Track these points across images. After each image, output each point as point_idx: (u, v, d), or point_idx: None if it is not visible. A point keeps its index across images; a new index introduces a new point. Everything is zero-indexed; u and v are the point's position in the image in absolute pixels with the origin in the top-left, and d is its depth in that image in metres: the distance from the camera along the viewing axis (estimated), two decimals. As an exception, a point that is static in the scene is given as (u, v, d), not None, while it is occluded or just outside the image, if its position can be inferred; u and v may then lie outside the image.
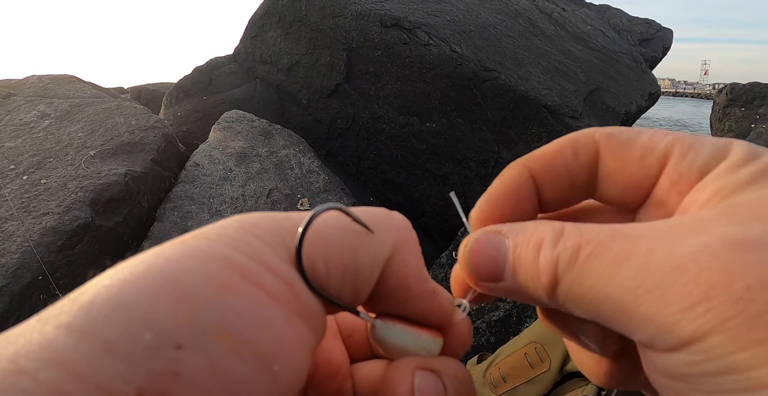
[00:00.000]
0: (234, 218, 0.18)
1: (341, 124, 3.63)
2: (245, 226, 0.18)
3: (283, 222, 0.19)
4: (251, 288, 0.16)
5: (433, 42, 3.21)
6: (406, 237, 0.21)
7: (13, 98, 2.97)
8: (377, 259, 0.20)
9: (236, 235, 0.17)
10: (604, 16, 5.45)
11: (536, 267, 0.20)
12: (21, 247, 1.80)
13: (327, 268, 0.18)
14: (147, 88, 5.99)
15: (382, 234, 0.20)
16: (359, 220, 0.19)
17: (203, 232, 0.17)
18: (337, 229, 0.19)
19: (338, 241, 0.19)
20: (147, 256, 0.16)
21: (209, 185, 2.53)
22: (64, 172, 2.24)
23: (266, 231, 0.18)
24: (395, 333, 0.20)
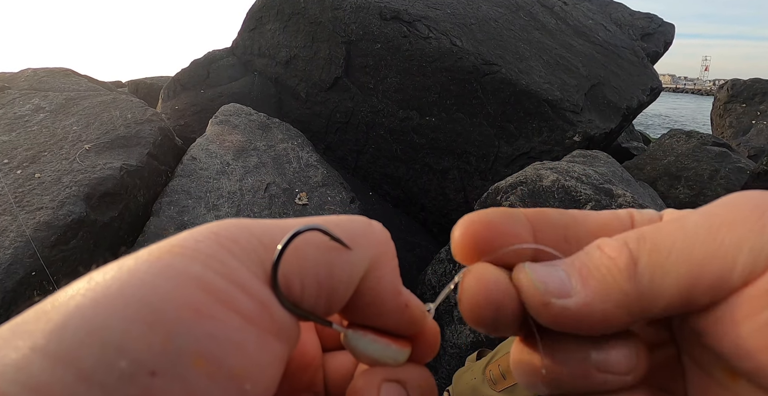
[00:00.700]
0: (211, 229, 0.18)
1: (340, 118, 3.60)
2: (221, 241, 0.17)
3: (261, 237, 0.18)
4: (226, 311, 0.16)
5: (433, 35, 3.17)
6: (383, 252, 0.21)
7: (7, 91, 2.93)
8: (353, 276, 0.20)
9: (211, 252, 0.17)
10: (605, 10, 5.40)
11: (607, 257, 0.20)
12: (14, 243, 1.78)
13: (302, 285, 0.19)
14: (144, 81, 5.94)
15: (359, 250, 0.20)
16: (337, 238, 0.20)
17: (178, 244, 0.17)
18: (313, 246, 0.19)
19: (314, 258, 0.19)
20: (120, 272, 0.16)
21: (206, 179, 2.50)
22: (58, 166, 2.21)
23: (243, 247, 0.18)
24: (365, 343, 0.21)
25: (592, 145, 3.00)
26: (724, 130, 7.45)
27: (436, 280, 2.24)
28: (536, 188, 2.02)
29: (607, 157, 2.60)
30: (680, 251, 0.19)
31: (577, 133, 2.98)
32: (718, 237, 0.18)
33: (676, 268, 0.19)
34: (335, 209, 2.56)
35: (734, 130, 7.24)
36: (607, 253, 0.20)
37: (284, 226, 0.19)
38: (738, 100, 7.59)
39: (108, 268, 0.16)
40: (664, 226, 0.20)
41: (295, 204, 2.52)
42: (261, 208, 2.43)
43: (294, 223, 0.20)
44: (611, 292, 0.19)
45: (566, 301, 0.20)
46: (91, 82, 3.39)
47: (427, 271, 2.31)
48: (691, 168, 3.88)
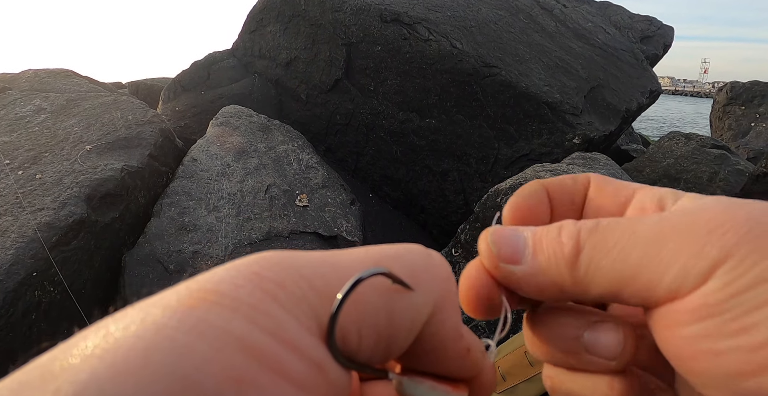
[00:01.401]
0: (251, 268, 0.15)
1: (340, 120, 3.61)
2: (265, 286, 0.15)
3: (312, 279, 0.16)
4: (275, 379, 0.13)
5: (433, 37, 3.18)
6: (447, 292, 0.19)
7: (8, 92, 2.93)
8: (415, 322, 0.18)
9: (254, 301, 0.14)
10: (605, 12, 5.42)
11: (558, 241, 0.21)
12: (15, 244, 1.78)
13: (359, 336, 0.16)
14: (145, 82, 5.95)
15: (422, 292, 0.18)
16: (401, 280, 0.17)
17: (213, 290, 0.14)
18: (373, 291, 0.17)
19: (374, 305, 0.17)
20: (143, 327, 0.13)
21: (207, 181, 2.50)
22: (59, 167, 2.21)
23: (291, 294, 0.15)
24: (422, 391, 0.20)
25: (591, 147, 3.01)
26: (724, 133, 7.46)
27: (435, 282, 2.25)
28: (536, 190, 2.03)
29: (607, 160, 2.61)
30: (619, 253, 0.20)
31: (577, 135, 2.99)
32: (658, 246, 0.19)
33: (609, 267, 0.20)
34: (336, 211, 2.57)
35: (733, 132, 7.25)
36: (561, 236, 0.22)
37: (336, 264, 0.17)
38: (737, 103, 7.61)
39: (129, 317, 0.13)
40: (622, 222, 0.21)
41: (296, 205, 2.53)
42: (261, 210, 2.44)
43: (347, 261, 0.17)
44: (551, 271, 0.21)
45: (514, 267, 0.22)
46: (92, 83, 3.40)
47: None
48: (691, 170, 3.89)
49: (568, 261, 0.21)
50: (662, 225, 0.20)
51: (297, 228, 2.39)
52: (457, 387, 0.20)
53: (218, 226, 2.29)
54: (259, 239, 2.29)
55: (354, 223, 2.54)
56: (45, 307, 1.78)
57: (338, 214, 2.54)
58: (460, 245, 2.22)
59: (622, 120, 3.38)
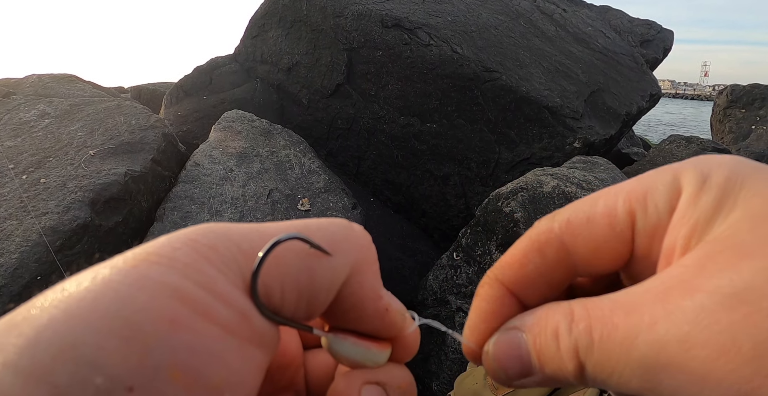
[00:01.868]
0: (188, 235, 0.17)
1: (342, 125, 3.63)
2: (199, 248, 0.17)
3: (240, 243, 0.18)
4: (204, 322, 0.15)
5: (434, 42, 3.20)
6: (364, 256, 0.21)
7: (12, 97, 2.96)
8: (333, 282, 0.20)
9: (189, 261, 0.16)
10: (604, 17, 5.45)
11: (560, 356, 0.20)
12: (20, 247, 1.80)
13: (282, 292, 0.18)
14: (147, 87, 5.98)
15: (340, 256, 0.20)
16: (317, 245, 0.20)
17: (154, 252, 0.16)
18: (293, 254, 0.19)
19: (294, 266, 0.19)
20: (94, 282, 0.15)
21: (209, 185, 2.52)
22: (63, 172, 2.23)
23: (221, 255, 0.17)
24: (346, 347, 0.22)
25: (592, 151, 3.02)
26: (724, 136, 7.47)
27: (437, 286, 2.26)
28: (537, 194, 2.03)
29: (607, 163, 2.62)
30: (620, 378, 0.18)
31: (578, 139, 3.00)
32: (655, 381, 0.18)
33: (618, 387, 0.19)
34: (337, 215, 2.58)
35: (734, 135, 7.26)
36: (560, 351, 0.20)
37: (263, 232, 0.19)
38: (737, 106, 7.62)
39: (82, 276, 0.16)
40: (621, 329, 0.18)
41: (298, 210, 2.54)
42: (264, 214, 2.45)
43: (274, 229, 0.19)
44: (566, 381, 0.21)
45: (525, 380, 0.22)
46: (95, 88, 3.42)
47: (429, 276, 2.32)
48: (691, 174, 3.89)
49: (575, 376, 0.20)
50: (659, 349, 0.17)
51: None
52: (380, 345, 0.22)
53: (221, 230, 2.31)
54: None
55: (356, 227, 2.55)
56: (49, 311, 1.79)
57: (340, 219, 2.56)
58: (461, 249, 2.22)
59: (623, 124, 3.39)
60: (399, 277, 2.86)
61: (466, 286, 2.12)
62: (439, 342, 2.04)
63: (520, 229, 1.95)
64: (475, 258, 2.13)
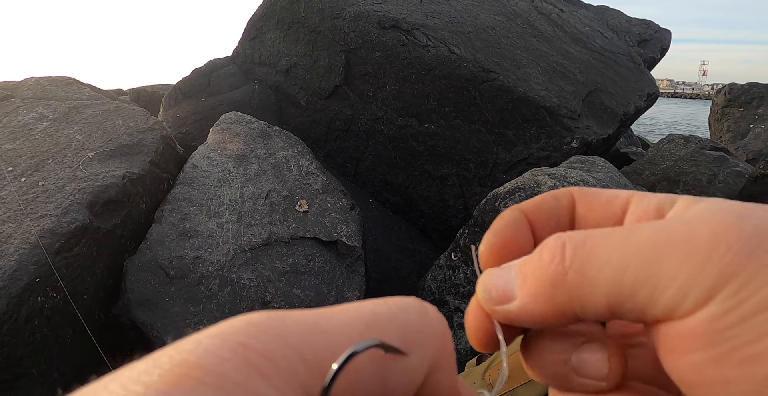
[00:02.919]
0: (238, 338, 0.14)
1: (340, 126, 3.63)
2: (253, 359, 0.14)
3: (302, 350, 0.15)
4: None
5: (431, 43, 3.21)
6: (442, 351, 0.19)
7: (11, 100, 2.96)
8: (410, 386, 0.17)
9: (241, 380, 0.13)
10: (602, 17, 5.46)
11: (541, 262, 0.20)
12: (19, 250, 1.80)
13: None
14: (146, 89, 5.99)
15: (417, 355, 0.17)
16: (394, 348, 0.17)
17: (197, 365, 0.13)
18: (366, 360, 0.16)
19: (367, 374, 0.16)
20: None
21: (207, 187, 2.52)
22: (62, 174, 2.23)
23: (279, 367, 0.14)
24: None
25: (589, 151, 3.03)
26: (722, 135, 7.48)
27: (435, 287, 2.26)
28: (534, 194, 2.04)
29: (605, 163, 2.63)
30: (613, 269, 0.19)
31: (575, 139, 3.00)
32: (657, 260, 0.18)
33: (603, 284, 0.19)
34: (335, 216, 2.58)
35: (732, 134, 7.27)
36: (543, 257, 0.21)
37: (327, 332, 0.16)
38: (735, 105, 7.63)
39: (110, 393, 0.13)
40: (614, 233, 0.20)
41: (296, 211, 2.55)
42: (262, 215, 2.45)
43: (340, 327, 0.16)
44: (542, 297, 0.20)
45: (508, 306, 0.22)
46: (93, 90, 3.42)
47: (427, 277, 2.33)
48: (690, 172, 3.91)
49: (555, 282, 0.20)
50: (659, 236, 0.18)
51: (297, 233, 2.41)
52: None
53: (219, 232, 2.31)
54: (259, 245, 2.31)
55: (354, 228, 2.56)
56: (48, 313, 1.80)
57: (338, 220, 2.56)
58: (459, 249, 2.23)
59: (620, 123, 3.40)
60: (398, 278, 2.87)
61: (464, 286, 2.12)
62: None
63: (517, 228, 1.96)
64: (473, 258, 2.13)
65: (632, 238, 0.19)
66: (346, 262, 2.43)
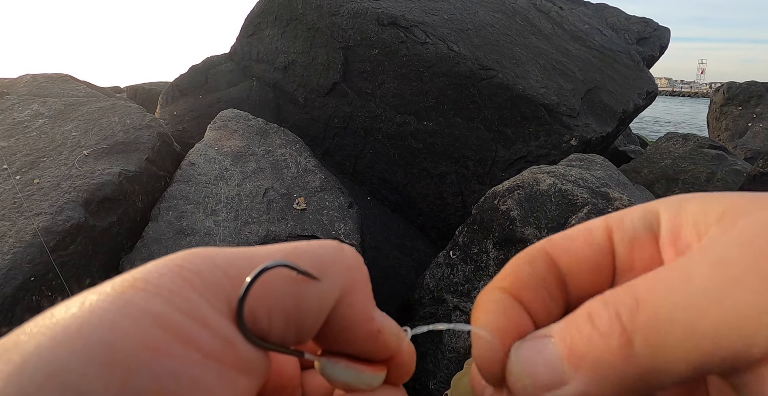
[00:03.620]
0: (175, 261, 0.18)
1: (338, 123, 3.62)
2: (185, 275, 0.17)
3: (227, 269, 0.18)
4: (186, 349, 0.16)
5: (430, 40, 3.19)
6: (354, 279, 0.21)
7: (6, 97, 2.94)
8: (322, 307, 0.20)
9: (174, 287, 0.17)
10: (601, 14, 5.44)
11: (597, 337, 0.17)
12: (12, 249, 1.78)
13: (269, 318, 0.18)
14: (143, 87, 5.96)
15: (329, 280, 0.20)
16: (305, 271, 0.19)
17: (140, 278, 0.17)
18: (280, 279, 0.19)
19: (281, 291, 0.19)
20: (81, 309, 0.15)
21: (205, 185, 2.51)
22: (57, 172, 2.21)
23: (207, 281, 0.17)
24: (339, 370, 0.22)
25: (588, 148, 3.02)
26: (721, 133, 7.48)
27: (434, 285, 2.25)
28: (533, 192, 2.03)
29: (604, 161, 2.62)
30: (684, 324, 0.16)
31: (574, 137, 2.99)
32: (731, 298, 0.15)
33: (681, 345, 0.16)
34: (334, 214, 2.57)
35: (730, 132, 7.27)
36: (598, 328, 0.17)
37: (251, 258, 0.19)
38: (734, 103, 7.63)
39: (71, 302, 0.16)
40: (662, 280, 0.17)
41: (294, 209, 2.53)
42: (259, 213, 2.44)
43: (262, 255, 0.19)
44: (608, 377, 0.17)
45: (559, 392, 0.18)
46: (89, 87, 3.40)
47: (425, 275, 2.32)
48: (688, 171, 3.90)
49: (623, 356, 0.17)
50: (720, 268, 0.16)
51: (295, 231, 2.39)
52: (374, 367, 0.22)
53: (216, 230, 2.30)
54: (256, 243, 2.29)
55: (352, 227, 2.55)
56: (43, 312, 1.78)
57: (336, 218, 2.55)
58: (458, 247, 2.22)
59: (619, 121, 3.39)
60: (396, 276, 2.86)
61: (463, 284, 2.12)
62: (436, 341, 2.03)
63: (516, 227, 1.95)
64: (472, 256, 2.12)
65: (691, 279, 0.16)
66: (344, 261, 2.42)
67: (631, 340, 0.17)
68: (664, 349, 0.16)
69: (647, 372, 0.17)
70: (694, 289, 0.16)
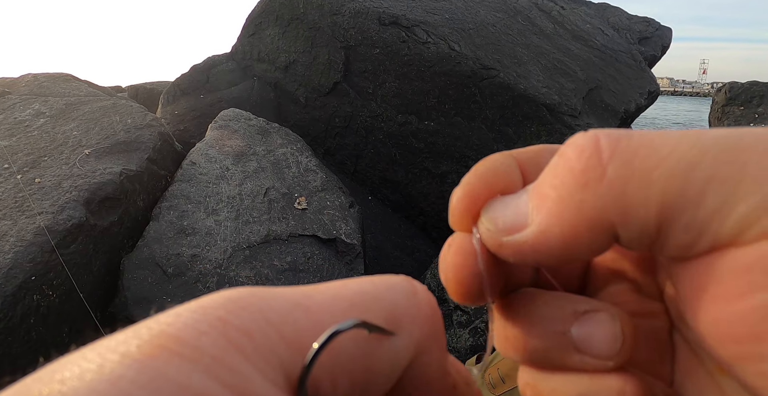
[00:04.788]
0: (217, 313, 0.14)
1: (339, 123, 3.61)
2: (231, 335, 0.13)
3: (282, 328, 0.14)
4: None
5: (431, 40, 3.19)
6: (431, 332, 0.17)
7: (8, 96, 2.94)
8: (395, 367, 0.16)
9: (217, 353, 0.13)
10: (603, 14, 5.43)
11: (566, 164, 0.16)
12: (14, 248, 1.78)
13: (333, 387, 0.15)
14: (144, 86, 5.96)
15: (403, 335, 0.16)
16: (379, 328, 0.16)
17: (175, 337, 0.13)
18: (350, 340, 0.15)
19: (350, 354, 0.15)
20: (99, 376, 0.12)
21: (206, 184, 2.51)
22: (58, 171, 2.21)
23: (257, 344, 0.14)
24: None
25: (590, 148, 3.02)
26: (723, 133, 7.46)
27: (435, 285, 2.24)
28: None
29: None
30: (679, 162, 0.14)
31: (576, 136, 2.99)
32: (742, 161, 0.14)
33: (661, 180, 0.14)
34: (335, 214, 2.57)
35: (732, 133, 7.25)
36: (565, 157, 0.16)
37: (308, 307, 0.15)
38: (736, 103, 7.61)
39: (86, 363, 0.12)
40: (669, 132, 0.15)
41: (295, 208, 2.53)
42: (260, 213, 2.44)
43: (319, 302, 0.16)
44: (569, 205, 0.16)
45: (520, 235, 0.17)
46: (91, 87, 3.40)
47: (427, 275, 2.31)
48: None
49: (587, 180, 0.15)
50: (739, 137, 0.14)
51: (296, 231, 2.39)
52: None
53: (217, 230, 2.29)
54: (257, 242, 2.29)
55: (353, 226, 2.54)
56: (43, 311, 1.78)
57: (337, 217, 2.54)
58: (459, 247, 2.21)
59: (621, 121, 3.38)
60: (397, 276, 2.85)
61: (464, 284, 2.11)
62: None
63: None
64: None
65: (702, 136, 0.14)
66: (345, 260, 2.42)
67: (604, 164, 0.15)
68: (641, 181, 0.15)
69: (613, 200, 0.15)
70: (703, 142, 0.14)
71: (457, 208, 0.20)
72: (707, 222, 0.14)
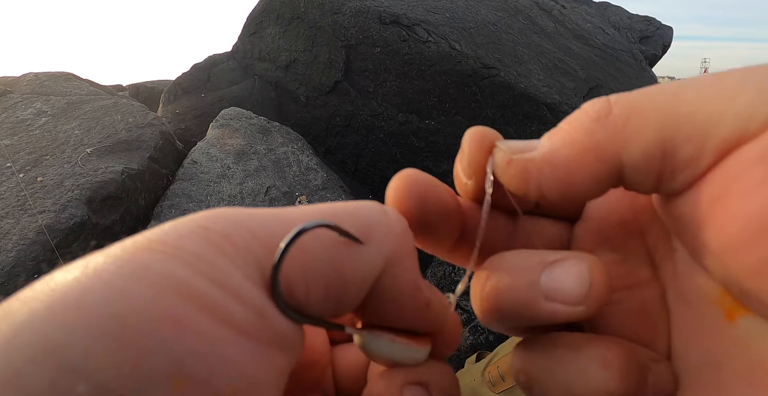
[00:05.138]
0: (198, 222, 0.15)
1: (340, 122, 3.62)
2: (211, 237, 0.14)
3: (258, 232, 0.16)
4: (214, 323, 0.13)
5: (432, 39, 3.19)
6: (401, 245, 0.18)
7: (9, 95, 2.95)
8: (366, 275, 0.17)
9: (198, 251, 0.14)
10: (604, 13, 5.43)
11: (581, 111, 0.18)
12: (17, 246, 1.79)
13: (307, 288, 0.16)
14: (145, 85, 5.96)
15: (374, 245, 0.17)
16: (348, 233, 0.17)
17: (157, 239, 0.14)
18: (319, 243, 0.16)
19: (321, 257, 0.16)
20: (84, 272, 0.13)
21: (207, 183, 2.51)
22: (60, 170, 2.22)
23: (236, 245, 0.15)
24: (383, 345, 0.20)
25: (590, 147, 3.02)
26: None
27: (435, 283, 2.25)
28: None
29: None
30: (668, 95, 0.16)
31: (576, 135, 3.00)
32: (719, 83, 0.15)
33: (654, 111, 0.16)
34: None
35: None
36: (580, 109, 0.18)
37: (284, 219, 0.17)
38: (737, 103, 7.63)
39: (73, 266, 0.14)
40: None
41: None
42: (261, 212, 2.45)
43: (296, 215, 0.17)
44: (577, 136, 0.18)
45: (530, 154, 0.19)
46: (92, 86, 3.41)
47: (427, 273, 2.32)
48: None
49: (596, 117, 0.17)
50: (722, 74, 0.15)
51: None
52: (419, 341, 0.20)
53: (218, 228, 2.30)
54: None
55: (354, 225, 2.55)
56: (46, 310, 1.79)
57: (338, 216, 2.56)
58: (459, 246, 2.22)
59: (622, 120, 3.39)
60: (398, 275, 2.86)
61: (465, 283, 2.12)
62: (437, 339, 2.04)
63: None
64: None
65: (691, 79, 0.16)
66: (346, 259, 2.43)
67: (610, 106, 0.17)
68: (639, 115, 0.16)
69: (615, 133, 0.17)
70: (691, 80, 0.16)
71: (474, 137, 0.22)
72: (706, 127, 0.15)
